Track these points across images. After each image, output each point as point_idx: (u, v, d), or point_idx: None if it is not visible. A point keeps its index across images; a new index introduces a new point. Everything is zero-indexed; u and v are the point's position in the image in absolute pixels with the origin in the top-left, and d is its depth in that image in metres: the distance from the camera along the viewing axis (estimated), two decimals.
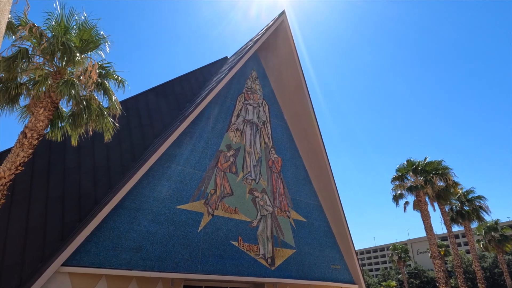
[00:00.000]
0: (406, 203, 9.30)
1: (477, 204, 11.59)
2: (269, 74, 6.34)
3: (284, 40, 6.07)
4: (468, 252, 26.68)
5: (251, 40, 6.82)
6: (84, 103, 3.35)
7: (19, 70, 3.45)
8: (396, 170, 9.46)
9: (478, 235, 14.04)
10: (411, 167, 9.25)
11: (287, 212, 5.31)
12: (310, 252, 5.26)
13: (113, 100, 3.41)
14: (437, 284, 8.43)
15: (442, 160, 9.30)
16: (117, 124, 3.58)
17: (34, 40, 3.48)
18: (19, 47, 3.43)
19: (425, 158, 9.46)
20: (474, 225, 12.63)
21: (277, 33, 6.10)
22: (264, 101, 5.96)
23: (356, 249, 5.94)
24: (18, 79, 3.55)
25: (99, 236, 3.46)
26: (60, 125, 3.65)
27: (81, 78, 3.31)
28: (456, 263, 10.01)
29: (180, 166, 4.24)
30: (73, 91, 3.20)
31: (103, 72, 3.52)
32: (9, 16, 4.17)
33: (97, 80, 3.35)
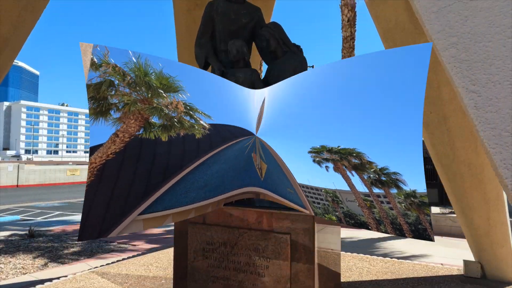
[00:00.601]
0: (327, 167, 11.53)
1: (394, 177, 14.74)
2: None
3: None
4: (391, 208, 31.27)
5: None
6: (175, 120, 4.31)
7: (108, 94, 4.62)
8: (310, 148, 11.10)
9: (398, 198, 17.55)
10: (325, 149, 11.15)
11: None
12: (273, 172, 4.15)
13: (201, 122, 4.25)
14: (369, 227, 11.26)
15: (355, 148, 11.48)
16: (207, 130, 4.65)
17: (118, 76, 4.72)
18: (105, 78, 4.65)
19: (338, 146, 11.56)
20: (394, 191, 16.01)
21: None
22: None
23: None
24: (108, 99, 4.76)
25: (176, 188, 3.63)
26: (151, 130, 4.74)
27: (168, 107, 4.27)
28: (383, 215, 13.20)
29: None
30: (162, 113, 4.17)
31: (188, 108, 4.51)
32: (92, 56, 5.30)
33: (183, 111, 4.40)
